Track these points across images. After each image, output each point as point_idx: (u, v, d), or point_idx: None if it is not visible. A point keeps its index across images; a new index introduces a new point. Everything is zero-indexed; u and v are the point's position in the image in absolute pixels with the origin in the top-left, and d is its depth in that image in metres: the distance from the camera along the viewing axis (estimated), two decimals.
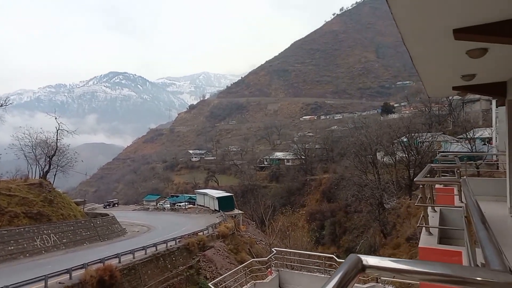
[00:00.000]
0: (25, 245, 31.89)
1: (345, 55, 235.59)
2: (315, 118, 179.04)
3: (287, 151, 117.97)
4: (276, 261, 21.05)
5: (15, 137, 49.33)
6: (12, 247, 30.47)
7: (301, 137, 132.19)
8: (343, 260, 1.54)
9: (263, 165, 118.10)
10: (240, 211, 60.73)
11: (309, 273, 19.27)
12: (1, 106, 46.30)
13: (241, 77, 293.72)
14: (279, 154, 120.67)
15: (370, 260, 1.47)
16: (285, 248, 30.82)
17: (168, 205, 76.39)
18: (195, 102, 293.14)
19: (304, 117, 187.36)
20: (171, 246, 35.02)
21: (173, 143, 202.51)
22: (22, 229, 32.95)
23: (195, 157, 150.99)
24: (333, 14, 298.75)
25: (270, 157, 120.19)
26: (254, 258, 33.77)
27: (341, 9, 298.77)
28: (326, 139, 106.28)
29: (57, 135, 49.01)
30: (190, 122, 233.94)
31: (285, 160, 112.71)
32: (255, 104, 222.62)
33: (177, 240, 36.56)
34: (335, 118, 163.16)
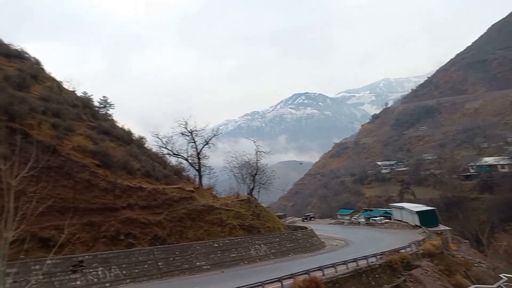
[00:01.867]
0: (243, 253, 36.75)
1: None
2: None
3: (499, 155, 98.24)
4: None
5: (226, 160, 58.76)
6: (234, 254, 35.62)
7: None
8: None
9: (468, 173, 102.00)
10: (446, 227, 53.54)
11: None
12: (214, 135, 56.31)
13: (427, 77, 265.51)
14: (488, 160, 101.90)
15: None
16: None
17: (363, 219, 74.96)
18: (377, 112, 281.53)
19: None
20: (372, 262, 33.57)
21: (360, 156, 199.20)
22: (239, 239, 38.20)
23: (384, 169, 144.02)
24: None
25: (477, 164, 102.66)
26: (474, 283, 28.69)
27: None
28: None
29: (256, 157, 55.55)
30: (374, 132, 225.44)
31: (498, 166, 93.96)
32: (448, 105, 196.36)
33: (378, 257, 34.85)
34: None
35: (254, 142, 59.12)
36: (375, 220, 71.31)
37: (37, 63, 48.47)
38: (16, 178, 9.98)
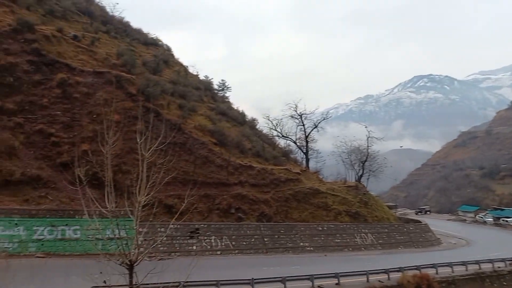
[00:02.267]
0: (348, 240, 36.20)
1: None
2: None
3: None
4: None
5: (334, 145, 57.87)
6: (338, 240, 35.37)
7: None
8: None
9: None
10: None
11: None
12: (324, 119, 55.85)
13: None
14: None
15: None
16: None
17: (490, 219, 66.95)
18: None
19: None
20: (499, 267, 29.86)
21: (492, 147, 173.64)
22: (344, 226, 37.63)
23: None
24: None
25: None
26: None
27: None
28: None
29: (367, 142, 53.37)
30: None
31: None
32: None
33: (508, 262, 30.67)
34: None
35: (366, 127, 56.96)
36: (506, 221, 63.20)
37: (168, 49, 54.56)
38: (149, 151, 11.58)
